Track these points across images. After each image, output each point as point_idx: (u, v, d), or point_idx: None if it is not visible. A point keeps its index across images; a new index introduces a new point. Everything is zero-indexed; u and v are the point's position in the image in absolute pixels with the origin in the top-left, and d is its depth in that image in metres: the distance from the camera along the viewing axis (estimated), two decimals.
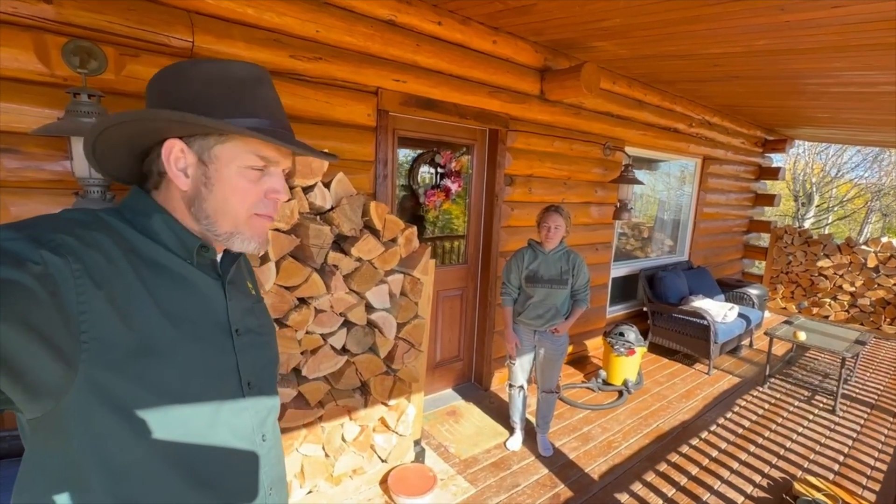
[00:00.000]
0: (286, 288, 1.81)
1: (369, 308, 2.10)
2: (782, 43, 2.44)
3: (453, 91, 2.73)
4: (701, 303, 4.26)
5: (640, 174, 4.72)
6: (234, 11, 1.93)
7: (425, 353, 2.39)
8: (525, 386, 2.66)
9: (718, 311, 4.11)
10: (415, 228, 2.20)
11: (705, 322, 3.92)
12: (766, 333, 3.93)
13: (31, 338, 0.45)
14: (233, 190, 0.64)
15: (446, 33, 2.61)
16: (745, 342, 4.67)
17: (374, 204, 2.03)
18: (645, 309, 4.49)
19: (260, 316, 0.78)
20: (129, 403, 0.55)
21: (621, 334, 3.51)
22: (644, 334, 4.36)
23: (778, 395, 3.66)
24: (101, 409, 0.53)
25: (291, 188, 1.83)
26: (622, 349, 3.44)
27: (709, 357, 3.93)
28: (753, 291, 5.02)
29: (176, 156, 0.62)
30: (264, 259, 1.72)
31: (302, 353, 1.93)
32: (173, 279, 0.62)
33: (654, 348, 4.42)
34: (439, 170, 3.00)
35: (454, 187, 2.99)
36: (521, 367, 2.59)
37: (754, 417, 3.28)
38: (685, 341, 4.15)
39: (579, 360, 4.10)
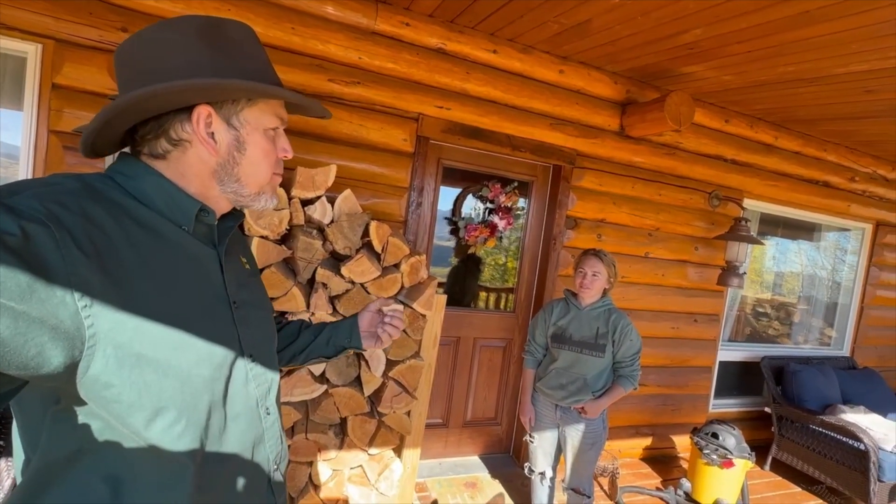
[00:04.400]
0: None
1: None
2: None
3: (505, 121, 2.54)
4: (857, 416, 3.03)
5: (774, 239, 3.79)
6: (281, 40, 2.08)
7: (424, 404, 2.07)
8: (549, 474, 2.10)
9: (888, 433, 2.86)
10: (423, 257, 1.99)
11: (861, 446, 2.74)
12: None
13: (15, 315, 0.42)
14: (263, 152, 0.67)
15: (502, 62, 2.46)
16: None
17: (374, 224, 1.89)
18: (768, 410, 3.38)
19: (255, 290, 0.78)
20: (137, 373, 0.53)
21: (715, 435, 2.63)
22: (766, 446, 3.27)
23: None
24: (115, 375, 0.51)
25: (289, 199, 1.81)
26: (714, 457, 2.57)
27: (868, 501, 2.71)
28: None
29: (206, 122, 0.62)
30: None
31: None
32: (168, 245, 0.60)
33: (779, 468, 3.25)
34: (488, 204, 2.76)
35: (501, 224, 2.71)
36: (543, 448, 2.06)
37: None
38: (829, 468, 2.95)
39: (660, 460, 3.20)
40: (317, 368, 1.85)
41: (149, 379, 0.54)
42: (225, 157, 0.64)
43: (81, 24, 1.80)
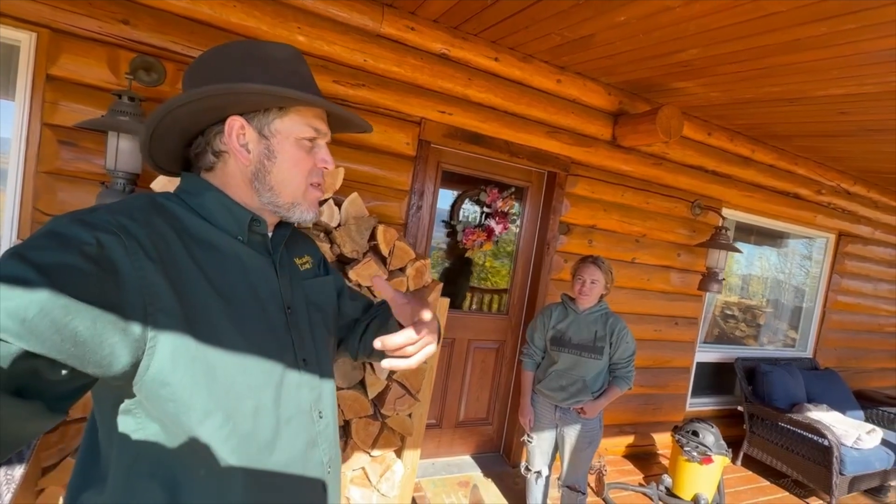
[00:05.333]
0: None
1: None
2: None
3: (504, 127, 2.59)
4: (821, 414, 3.25)
5: (745, 245, 4.00)
6: (287, 39, 2.05)
7: (425, 405, 2.10)
8: (545, 473, 2.17)
9: (847, 430, 3.08)
10: (428, 261, 2.01)
11: (825, 442, 2.95)
12: None
13: (94, 316, 0.46)
14: (294, 161, 0.68)
15: (503, 69, 2.51)
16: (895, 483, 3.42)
17: (382, 227, 1.90)
18: (740, 409, 3.58)
19: (315, 290, 0.80)
20: (189, 375, 0.56)
21: (695, 433, 2.78)
22: (737, 442, 3.46)
23: None
24: (171, 374, 0.54)
25: None
26: (694, 454, 2.71)
27: (830, 492, 2.91)
28: None
29: (238, 132, 0.66)
30: None
31: None
32: (225, 257, 0.64)
33: (749, 463, 3.45)
34: (485, 209, 2.81)
35: (498, 229, 2.76)
36: (541, 448, 2.12)
37: None
38: (795, 463, 3.16)
39: (642, 457, 3.34)
40: None
41: (200, 380, 0.57)
42: (257, 166, 0.68)
43: (80, 14, 1.73)
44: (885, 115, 2.41)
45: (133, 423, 0.57)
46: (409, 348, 0.66)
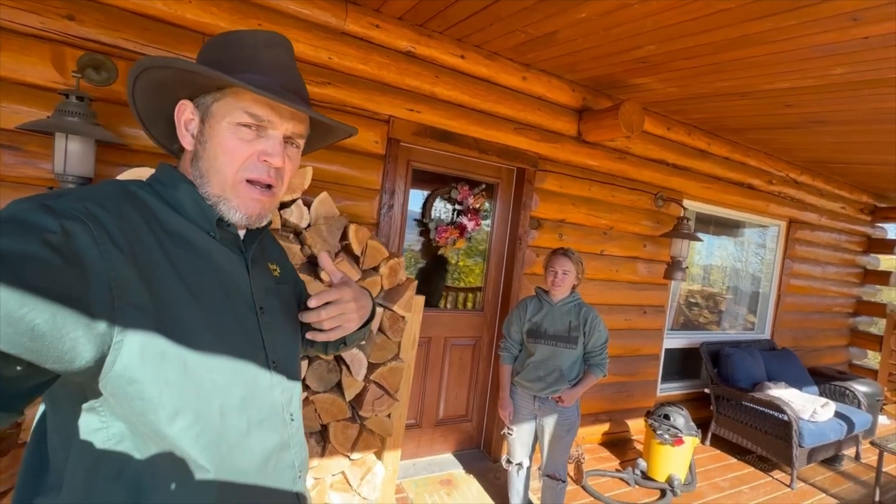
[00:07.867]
0: None
1: None
2: (866, 70, 1.99)
3: (473, 125, 2.60)
4: (780, 391, 3.43)
5: (704, 236, 4.17)
6: None
7: (404, 405, 2.09)
8: (526, 464, 2.19)
9: (804, 405, 3.27)
10: (401, 259, 2.00)
11: (785, 417, 3.12)
12: (872, 443, 3.02)
13: (54, 310, 0.43)
14: (222, 147, 0.63)
15: (469, 67, 2.53)
16: (849, 452, 3.65)
17: (353, 227, 1.88)
18: (707, 391, 3.74)
19: (283, 297, 0.79)
20: (159, 371, 0.54)
21: (666, 417, 2.88)
22: (706, 423, 3.60)
23: None
24: (139, 371, 0.52)
25: None
26: (667, 436, 2.81)
27: (791, 464, 3.08)
28: (861, 388, 3.98)
29: (187, 117, 0.65)
30: None
31: None
32: (197, 252, 0.63)
33: (717, 442, 3.60)
34: (456, 206, 2.82)
35: (470, 225, 2.78)
36: (521, 440, 2.15)
37: None
38: (759, 439, 3.32)
39: (617, 444, 3.43)
40: None
41: (169, 378, 0.55)
42: (193, 152, 0.66)
43: (20, 10, 1.63)
44: (825, 107, 2.58)
45: (97, 421, 0.54)
46: (322, 312, 0.70)
